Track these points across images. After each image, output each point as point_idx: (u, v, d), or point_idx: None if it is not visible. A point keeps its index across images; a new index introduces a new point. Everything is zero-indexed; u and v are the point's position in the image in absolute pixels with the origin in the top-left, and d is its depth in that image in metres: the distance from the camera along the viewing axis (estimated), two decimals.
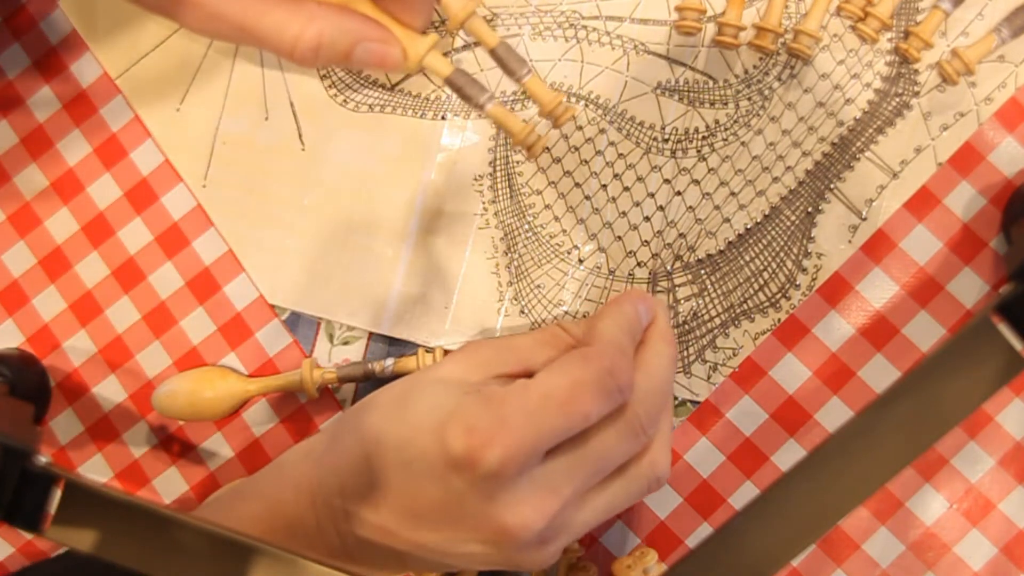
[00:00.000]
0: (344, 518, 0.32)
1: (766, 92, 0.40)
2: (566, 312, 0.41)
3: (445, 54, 0.42)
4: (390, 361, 0.41)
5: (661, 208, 0.41)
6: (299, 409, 0.43)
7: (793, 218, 0.40)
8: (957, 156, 0.39)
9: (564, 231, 0.41)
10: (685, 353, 0.40)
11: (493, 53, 0.34)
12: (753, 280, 0.40)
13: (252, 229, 0.44)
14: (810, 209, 0.40)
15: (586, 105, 0.41)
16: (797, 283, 0.40)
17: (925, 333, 0.39)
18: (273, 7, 0.32)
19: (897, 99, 0.40)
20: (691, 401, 0.40)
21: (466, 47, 0.42)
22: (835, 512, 0.27)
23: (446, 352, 0.41)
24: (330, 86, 0.43)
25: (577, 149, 0.41)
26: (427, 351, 0.41)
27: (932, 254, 0.39)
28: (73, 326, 0.45)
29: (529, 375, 0.31)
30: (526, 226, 0.42)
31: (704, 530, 0.40)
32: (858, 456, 0.27)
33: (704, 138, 0.41)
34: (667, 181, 0.41)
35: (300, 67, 0.40)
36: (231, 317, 0.44)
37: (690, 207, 0.41)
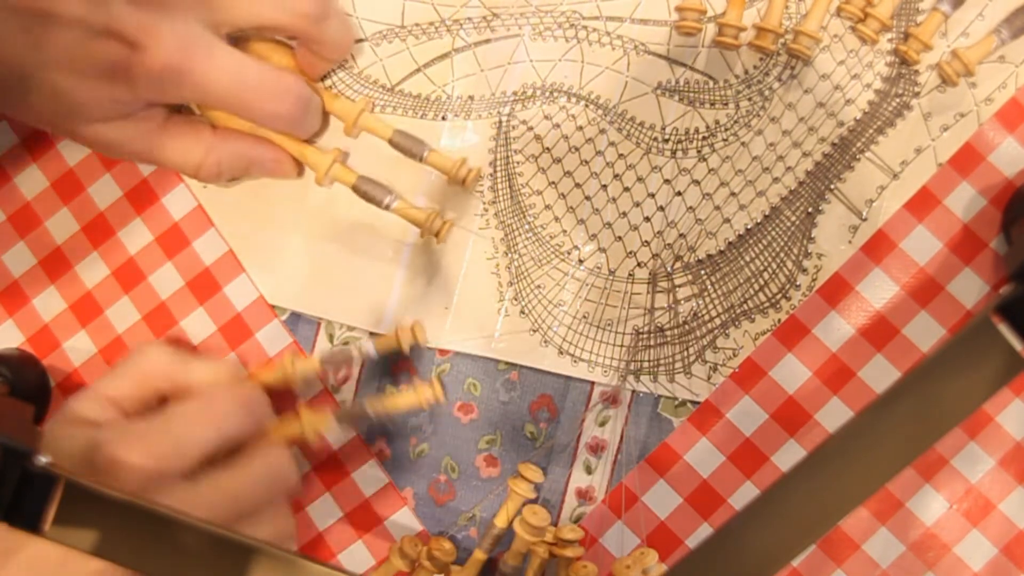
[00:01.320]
0: None
1: (766, 92, 0.40)
2: (566, 312, 0.41)
3: (445, 54, 0.42)
4: (371, 345, 0.41)
5: (661, 208, 0.41)
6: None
7: (793, 218, 0.40)
8: (957, 157, 0.39)
9: (564, 231, 0.41)
10: (685, 353, 0.40)
11: (391, 142, 0.40)
12: (753, 280, 0.40)
13: (252, 229, 0.44)
14: (810, 209, 0.40)
15: (586, 105, 0.41)
16: (797, 283, 0.40)
17: (925, 333, 0.39)
18: (174, 139, 0.39)
19: (897, 100, 0.40)
20: (691, 401, 0.40)
21: (466, 47, 0.42)
22: (835, 512, 0.27)
23: (443, 352, 0.42)
24: (330, 86, 0.43)
25: (577, 149, 0.41)
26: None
27: (932, 254, 0.39)
28: (73, 326, 0.45)
29: None
30: (526, 226, 0.42)
31: (704, 530, 0.40)
32: (858, 456, 0.27)
33: (704, 138, 0.41)
34: (667, 181, 0.41)
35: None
36: (231, 317, 0.44)
37: (690, 207, 0.41)
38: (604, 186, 0.41)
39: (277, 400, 0.43)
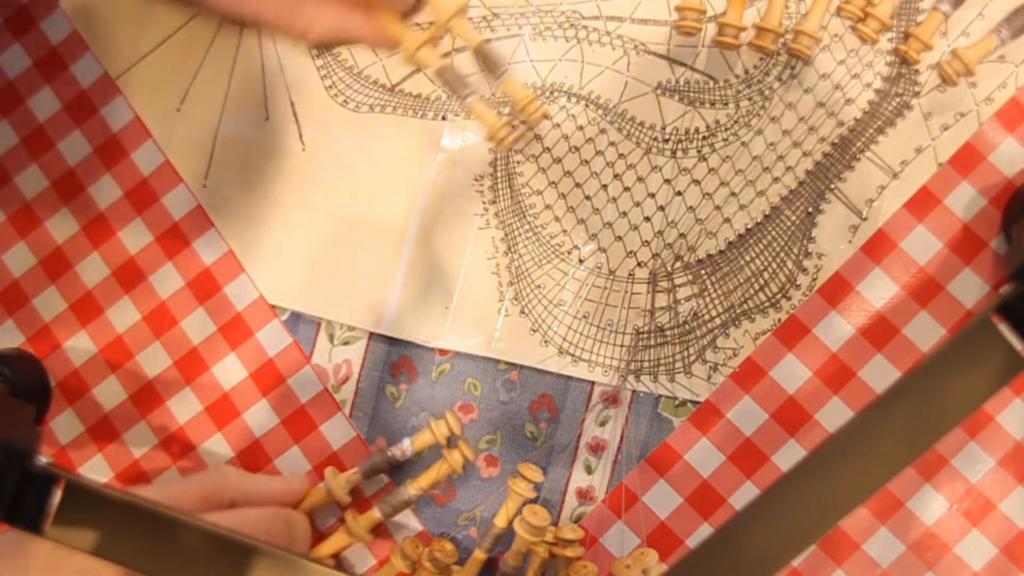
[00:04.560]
0: None
1: (766, 92, 0.40)
2: (566, 312, 0.41)
3: (445, 54, 0.42)
4: (407, 443, 0.41)
5: (661, 208, 0.41)
6: (299, 410, 0.43)
7: (793, 218, 0.40)
8: (957, 156, 0.39)
9: (564, 231, 0.41)
10: (685, 353, 0.40)
11: (475, 52, 0.38)
12: (753, 280, 0.40)
13: (252, 229, 0.44)
14: (810, 209, 0.40)
15: (586, 105, 0.41)
16: (797, 283, 0.40)
17: (925, 333, 0.39)
18: (282, 4, 0.38)
19: (897, 99, 0.40)
20: (691, 401, 0.40)
21: (466, 47, 0.42)
22: (835, 512, 0.27)
23: (442, 352, 0.42)
24: (330, 86, 0.43)
25: (577, 149, 0.41)
26: (435, 419, 0.41)
27: (932, 254, 0.39)
28: (73, 326, 0.45)
29: None
30: (526, 226, 0.42)
31: (704, 530, 0.40)
32: (858, 456, 0.27)
33: (704, 138, 0.41)
34: (667, 181, 0.41)
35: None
36: (231, 317, 0.44)
37: (690, 207, 0.41)
38: (604, 186, 0.41)
39: (282, 405, 0.43)
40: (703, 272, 0.41)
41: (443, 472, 0.41)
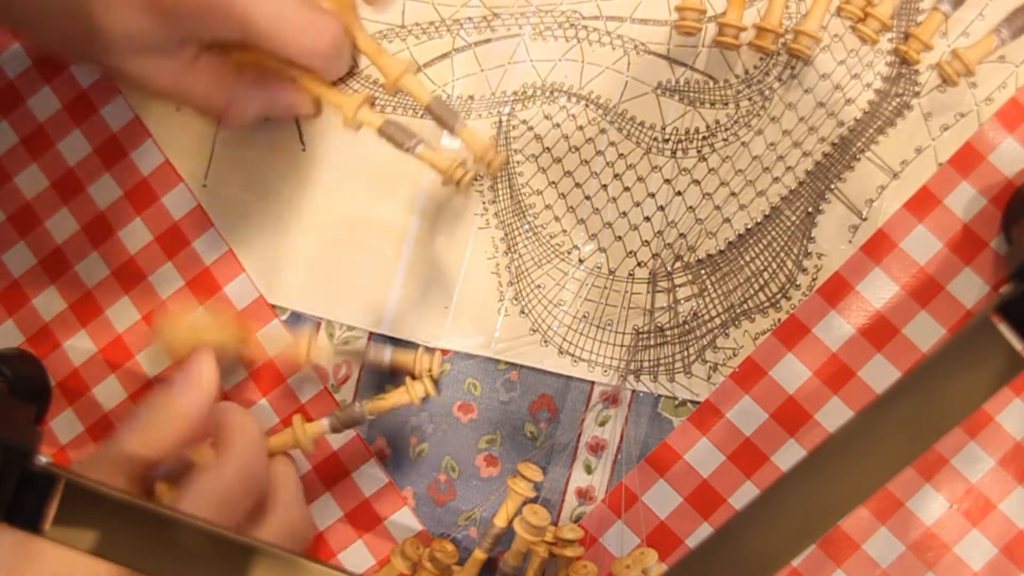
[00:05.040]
0: None
1: (766, 92, 0.40)
2: (566, 312, 0.41)
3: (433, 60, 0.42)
4: (388, 352, 0.41)
5: (661, 208, 0.41)
6: (299, 410, 0.43)
7: (793, 218, 0.40)
8: (957, 156, 0.39)
9: (564, 231, 0.41)
10: (685, 353, 0.40)
11: (428, 109, 0.39)
12: (753, 280, 0.40)
13: (252, 229, 0.44)
14: (810, 209, 0.40)
15: (586, 105, 0.41)
16: (797, 283, 0.40)
17: (925, 333, 0.39)
18: (201, 79, 0.38)
19: (897, 99, 0.40)
20: (691, 401, 0.40)
21: (466, 47, 0.42)
22: (835, 512, 0.27)
23: (444, 352, 0.42)
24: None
25: (577, 149, 0.41)
26: (427, 350, 0.41)
27: (932, 254, 0.39)
28: (73, 326, 0.45)
29: None
30: (526, 226, 0.42)
31: (704, 530, 0.40)
32: (858, 456, 0.27)
33: (704, 138, 0.41)
34: (667, 181, 0.41)
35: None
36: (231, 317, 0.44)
37: (690, 207, 0.41)
38: (604, 186, 0.41)
39: (282, 405, 0.43)
40: (703, 272, 0.41)
41: (399, 400, 0.40)
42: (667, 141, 0.41)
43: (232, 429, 0.36)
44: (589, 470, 0.41)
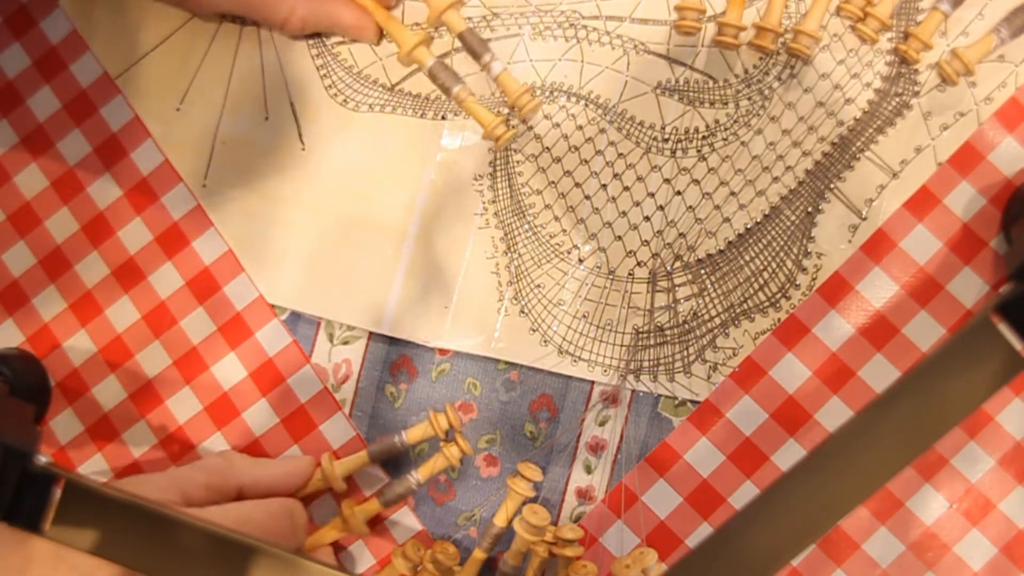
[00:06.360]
0: None
1: (766, 92, 0.40)
2: (566, 312, 0.41)
3: (445, 55, 0.42)
4: (403, 434, 0.41)
5: (661, 208, 0.41)
6: (299, 410, 0.43)
7: (793, 218, 0.40)
8: (957, 156, 0.39)
9: (564, 231, 0.41)
10: (685, 353, 0.40)
11: (460, 37, 0.40)
12: (753, 280, 0.40)
13: (252, 229, 0.44)
14: (810, 209, 0.40)
15: (586, 105, 0.41)
16: (797, 283, 0.40)
17: (925, 333, 0.39)
18: None
19: (897, 99, 0.40)
20: (691, 401, 0.40)
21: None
22: (835, 512, 0.27)
23: (442, 352, 0.42)
24: (330, 86, 0.43)
25: (577, 149, 0.41)
26: (435, 412, 0.41)
27: (932, 254, 0.39)
28: (73, 326, 0.45)
29: None
30: (526, 226, 0.42)
31: (704, 530, 0.40)
32: (858, 456, 0.27)
33: (704, 138, 0.41)
34: (667, 181, 0.41)
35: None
36: (231, 317, 0.44)
37: (690, 207, 0.41)
38: (604, 185, 0.41)
39: (283, 405, 0.43)
40: (703, 272, 0.41)
41: (439, 465, 0.40)
42: (667, 141, 0.41)
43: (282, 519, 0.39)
44: (589, 470, 0.41)
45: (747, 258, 0.40)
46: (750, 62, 0.40)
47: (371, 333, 0.43)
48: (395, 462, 0.43)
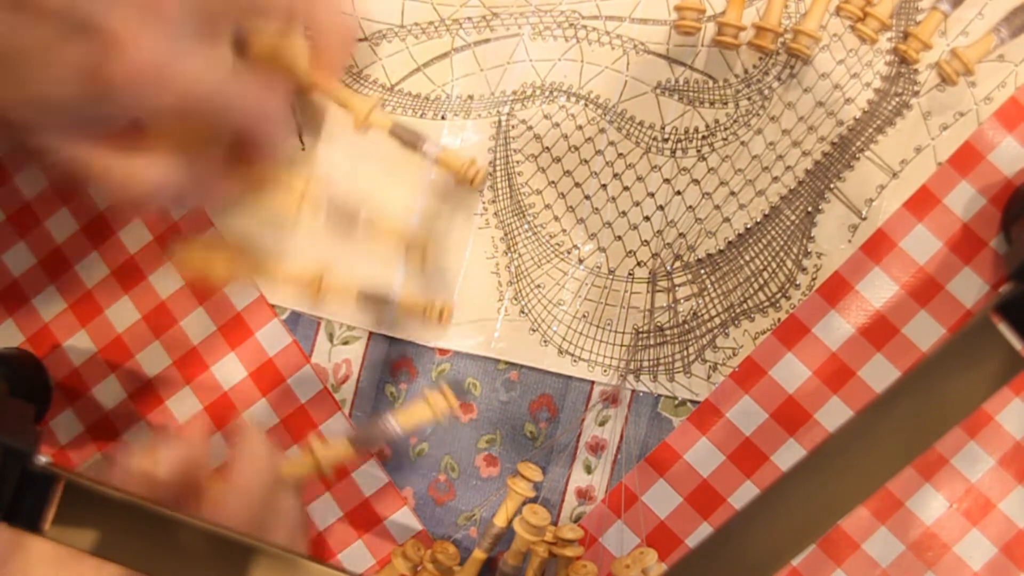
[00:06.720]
0: None
1: (766, 92, 0.40)
2: (566, 312, 0.41)
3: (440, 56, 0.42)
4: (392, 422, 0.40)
5: (661, 208, 0.41)
6: (299, 409, 0.43)
7: (793, 218, 0.40)
8: (957, 156, 0.39)
9: (564, 231, 0.41)
10: (685, 353, 0.40)
11: (391, 133, 0.39)
12: (753, 280, 0.40)
13: (252, 229, 0.44)
14: (810, 209, 0.40)
15: (586, 105, 0.41)
16: (797, 283, 0.40)
17: (925, 333, 0.39)
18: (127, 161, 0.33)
19: (897, 99, 0.40)
20: (691, 401, 0.40)
21: (466, 47, 0.42)
22: (835, 512, 0.27)
23: (442, 352, 0.42)
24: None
25: (577, 149, 0.41)
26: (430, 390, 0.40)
27: (932, 254, 0.39)
28: (73, 326, 0.45)
29: None
30: (526, 226, 0.42)
31: (704, 530, 0.40)
32: (858, 456, 0.27)
33: (704, 138, 0.41)
34: (667, 181, 0.41)
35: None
36: (231, 317, 0.44)
37: (690, 207, 0.41)
38: (604, 185, 0.41)
39: (282, 404, 0.43)
40: (703, 272, 0.41)
41: (423, 416, 0.39)
42: (666, 141, 0.41)
43: (242, 460, 0.35)
44: (589, 470, 0.41)
45: (747, 258, 0.40)
46: (750, 62, 0.40)
47: (371, 333, 0.43)
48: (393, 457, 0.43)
